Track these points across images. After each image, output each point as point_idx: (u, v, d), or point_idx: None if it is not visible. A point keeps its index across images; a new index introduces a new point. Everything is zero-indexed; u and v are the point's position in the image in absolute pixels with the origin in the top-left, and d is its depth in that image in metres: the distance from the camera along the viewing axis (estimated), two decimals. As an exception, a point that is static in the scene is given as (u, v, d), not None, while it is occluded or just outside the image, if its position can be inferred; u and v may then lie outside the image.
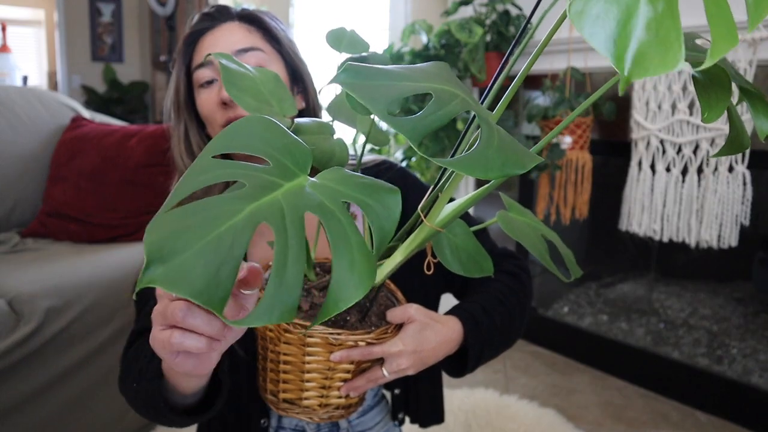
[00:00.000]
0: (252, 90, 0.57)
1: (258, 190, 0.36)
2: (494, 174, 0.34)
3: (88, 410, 1.42)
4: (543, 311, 2.38)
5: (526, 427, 1.67)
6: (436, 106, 0.37)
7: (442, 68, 0.43)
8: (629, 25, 0.27)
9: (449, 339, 0.69)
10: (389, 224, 0.39)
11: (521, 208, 0.60)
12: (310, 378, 0.62)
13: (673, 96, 1.73)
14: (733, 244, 1.68)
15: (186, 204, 0.35)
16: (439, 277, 0.81)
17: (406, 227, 0.53)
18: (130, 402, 0.68)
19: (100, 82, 4.50)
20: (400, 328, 0.64)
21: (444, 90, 0.38)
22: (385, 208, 0.40)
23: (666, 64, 0.26)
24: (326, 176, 0.41)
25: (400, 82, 0.38)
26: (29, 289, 1.33)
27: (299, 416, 0.64)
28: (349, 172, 0.42)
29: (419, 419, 0.89)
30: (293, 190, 0.38)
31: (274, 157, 0.39)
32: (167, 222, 0.33)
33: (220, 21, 0.81)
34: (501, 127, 0.39)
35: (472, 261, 0.57)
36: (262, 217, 0.35)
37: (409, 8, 2.66)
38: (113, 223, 1.71)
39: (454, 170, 0.39)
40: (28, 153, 1.81)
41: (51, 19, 6.19)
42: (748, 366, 1.91)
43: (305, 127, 0.56)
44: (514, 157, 0.36)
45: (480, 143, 0.35)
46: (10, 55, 5.51)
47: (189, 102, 0.82)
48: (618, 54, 0.27)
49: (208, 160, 0.38)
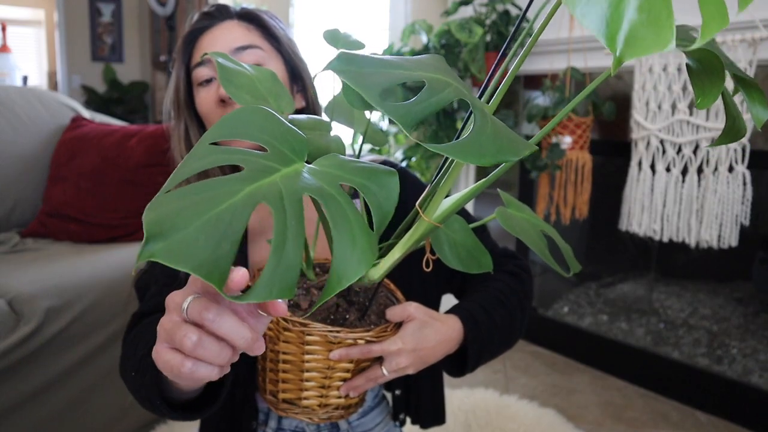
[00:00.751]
0: (249, 87, 0.57)
1: (257, 173, 0.37)
2: (488, 160, 0.34)
3: (88, 410, 1.42)
4: (543, 311, 2.38)
5: (526, 427, 1.67)
6: (428, 93, 0.37)
7: (437, 60, 0.43)
8: (621, 6, 0.28)
9: (449, 338, 0.69)
10: (388, 204, 0.40)
11: (520, 205, 0.60)
12: (310, 377, 0.62)
13: (673, 96, 1.73)
14: (733, 244, 1.68)
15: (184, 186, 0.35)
16: (439, 275, 0.81)
17: (405, 224, 0.53)
18: (128, 388, 0.67)
19: (100, 82, 4.51)
20: (400, 327, 0.64)
21: (437, 78, 0.39)
22: (384, 189, 0.40)
23: (658, 43, 0.27)
24: (323, 162, 0.41)
25: (393, 70, 0.38)
26: (29, 289, 1.33)
27: (299, 417, 0.64)
28: (346, 158, 0.42)
29: (420, 420, 0.88)
30: (291, 174, 0.38)
31: (271, 144, 0.40)
32: (167, 201, 0.33)
33: (219, 20, 0.81)
34: (494, 117, 0.39)
35: (470, 257, 0.57)
36: (260, 197, 0.35)
37: (409, 8, 2.66)
38: (113, 223, 1.71)
39: (448, 156, 0.39)
40: (28, 153, 1.81)
41: (51, 19, 6.19)
42: (748, 366, 1.91)
43: (300, 123, 0.56)
44: (508, 143, 0.36)
45: (473, 130, 0.35)
46: (10, 55, 5.51)
47: (189, 101, 0.82)
48: (610, 34, 0.28)
49: (206, 147, 0.39)
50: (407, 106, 0.35)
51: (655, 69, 1.75)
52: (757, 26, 1.55)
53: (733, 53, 1.59)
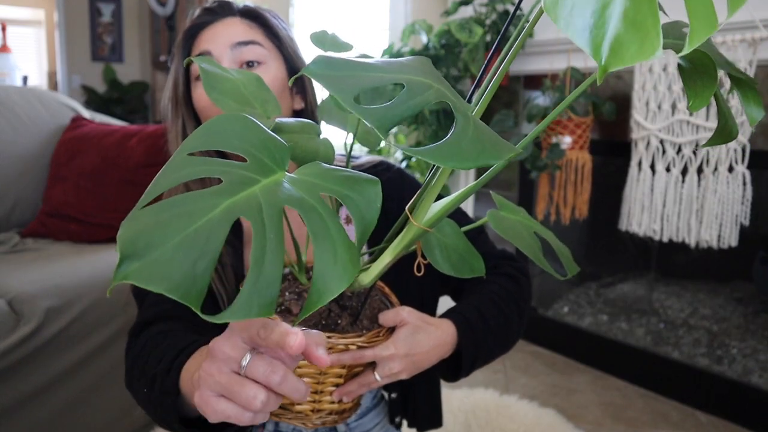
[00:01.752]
0: (233, 93, 0.56)
1: (235, 186, 0.36)
2: (469, 164, 0.33)
3: (88, 410, 1.42)
4: (543, 311, 2.38)
5: (526, 427, 1.67)
6: (407, 95, 0.36)
7: (421, 62, 0.42)
8: (605, 14, 0.27)
9: (443, 342, 0.68)
10: (370, 214, 0.39)
11: (514, 207, 0.59)
12: None
13: (673, 96, 1.73)
14: (733, 244, 1.68)
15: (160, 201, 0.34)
16: (434, 278, 0.81)
17: (396, 227, 0.52)
18: (138, 402, 0.66)
19: (100, 82, 4.50)
20: (393, 332, 0.63)
21: (417, 81, 0.38)
22: (366, 199, 0.39)
23: (643, 52, 0.26)
24: (304, 171, 0.41)
25: (370, 72, 0.37)
26: (29, 289, 1.33)
27: (292, 422, 0.63)
28: (328, 166, 0.41)
29: (417, 423, 0.87)
30: (270, 185, 0.38)
31: (251, 153, 0.39)
32: (142, 217, 0.32)
33: (221, 15, 0.80)
34: (482, 121, 0.38)
35: (462, 261, 0.56)
36: (239, 212, 0.34)
37: (409, 8, 2.66)
38: (113, 223, 1.71)
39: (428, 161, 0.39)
40: (28, 153, 1.81)
41: (51, 19, 6.19)
42: (748, 366, 1.91)
43: (287, 126, 0.55)
44: (490, 146, 0.35)
45: (453, 133, 0.34)
46: (10, 55, 5.51)
47: (187, 96, 0.81)
48: (594, 44, 0.27)
49: (184, 158, 0.38)
50: (382, 109, 0.35)
51: (655, 69, 1.75)
52: (757, 26, 1.55)
53: (732, 53, 1.59)
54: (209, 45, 0.78)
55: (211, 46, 0.78)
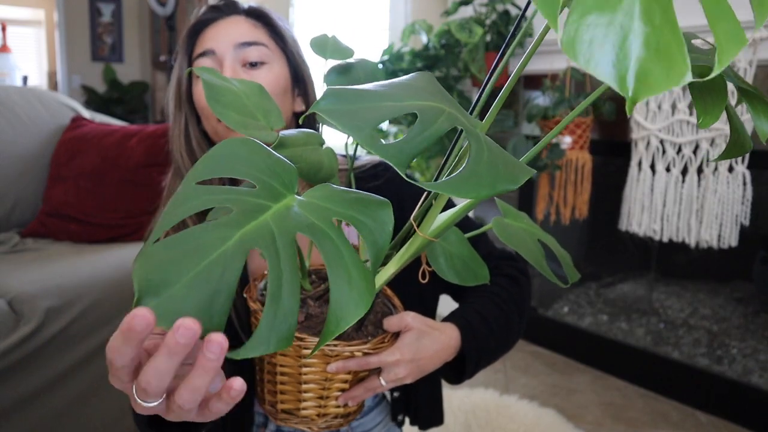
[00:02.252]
0: (236, 105, 0.55)
1: (246, 215, 0.35)
2: (486, 193, 0.33)
3: (88, 410, 1.42)
4: (543, 311, 2.38)
5: (526, 427, 1.67)
6: (421, 126, 0.35)
7: (426, 80, 0.41)
8: (626, 45, 0.26)
9: (447, 346, 0.68)
10: (383, 239, 0.38)
11: (517, 213, 0.59)
12: (307, 389, 0.61)
13: (673, 96, 1.73)
14: (733, 244, 1.68)
15: (172, 234, 0.34)
16: (435, 278, 0.81)
17: (401, 235, 0.52)
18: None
19: (100, 82, 4.51)
20: (397, 337, 0.63)
21: (429, 107, 0.37)
22: (378, 223, 0.39)
23: (671, 78, 0.25)
24: (314, 194, 0.40)
25: (383, 102, 0.36)
26: (29, 289, 1.33)
27: (298, 426, 0.63)
28: (338, 188, 0.41)
29: (419, 421, 0.88)
30: (282, 211, 0.37)
31: (259, 179, 0.38)
32: (155, 253, 0.32)
33: (226, 14, 0.80)
34: (490, 138, 0.37)
35: (467, 269, 0.55)
36: (253, 243, 0.34)
37: (409, 8, 2.66)
38: (113, 223, 1.71)
39: (447, 194, 0.37)
40: (28, 153, 1.81)
41: (51, 19, 6.19)
42: (748, 366, 1.91)
43: (291, 139, 0.54)
44: (505, 171, 0.34)
45: (469, 161, 0.34)
46: (10, 55, 5.51)
47: (190, 94, 0.81)
48: (619, 76, 0.26)
49: (192, 188, 0.37)
50: (400, 144, 0.34)
51: (655, 69, 1.75)
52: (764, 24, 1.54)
53: (733, 53, 1.59)
54: (213, 43, 0.77)
55: (215, 44, 0.77)
